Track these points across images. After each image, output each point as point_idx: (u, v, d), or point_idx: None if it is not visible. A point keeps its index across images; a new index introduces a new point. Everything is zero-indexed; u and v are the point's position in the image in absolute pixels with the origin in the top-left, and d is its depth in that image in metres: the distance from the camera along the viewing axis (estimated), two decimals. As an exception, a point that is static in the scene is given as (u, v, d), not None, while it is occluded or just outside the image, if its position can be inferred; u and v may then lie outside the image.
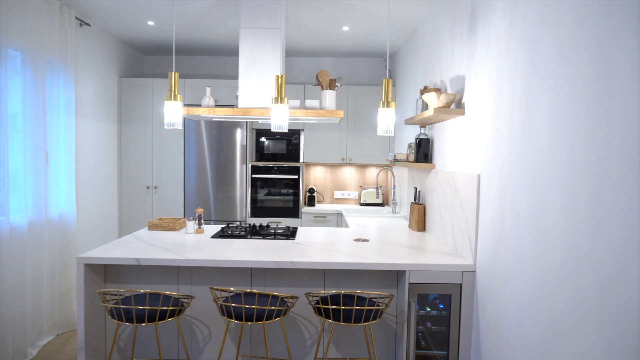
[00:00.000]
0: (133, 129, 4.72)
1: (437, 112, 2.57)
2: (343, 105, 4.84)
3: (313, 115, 2.89)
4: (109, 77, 4.48)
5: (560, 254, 1.53)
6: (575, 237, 1.44)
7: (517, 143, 1.89)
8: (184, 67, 5.25)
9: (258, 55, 2.99)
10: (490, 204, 2.16)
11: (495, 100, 2.13)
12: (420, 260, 2.42)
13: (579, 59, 1.45)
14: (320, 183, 5.24)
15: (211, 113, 2.89)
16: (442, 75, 3.04)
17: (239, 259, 2.33)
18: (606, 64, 1.31)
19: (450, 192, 2.76)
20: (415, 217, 3.36)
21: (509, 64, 1.99)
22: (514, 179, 1.90)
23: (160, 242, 2.74)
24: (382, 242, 2.87)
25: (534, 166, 1.73)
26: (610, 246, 1.27)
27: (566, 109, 1.51)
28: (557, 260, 1.55)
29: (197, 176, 4.71)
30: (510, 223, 1.94)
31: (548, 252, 1.62)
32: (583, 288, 1.40)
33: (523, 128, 1.83)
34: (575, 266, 1.44)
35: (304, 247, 2.66)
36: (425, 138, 3.20)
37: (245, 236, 2.96)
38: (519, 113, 1.87)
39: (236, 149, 4.70)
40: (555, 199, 1.57)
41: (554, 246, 1.58)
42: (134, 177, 4.74)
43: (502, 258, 2.01)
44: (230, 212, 4.73)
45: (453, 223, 2.70)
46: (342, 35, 4.28)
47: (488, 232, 2.19)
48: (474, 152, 2.40)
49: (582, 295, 1.40)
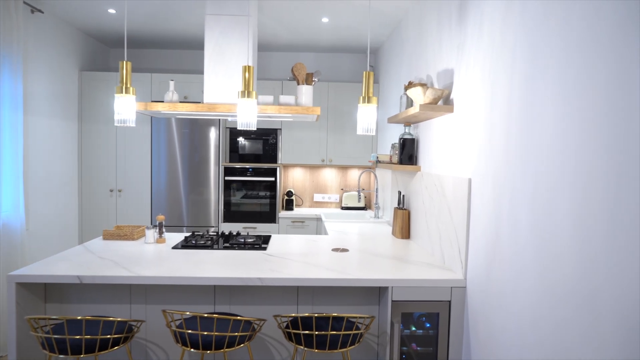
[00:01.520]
0: (95, 127, 4.35)
1: (423, 109, 2.32)
2: (323, 102, 4.56)
3: (287, 112, 2.60)
4: (67, 71, 4.10)
5: (569, 269, 1.28)
6: (588, 250, 1.19)
7: (515, 144, 1.63)
8: (152, 60, 4.90)
9: (225, 46, 2.69)
10: (483, 211, 1.91)
11: (489, 95, 1.88)
12: (405, 274, 2.15)
13: (594, 46, 1.20)
14: (299, 186, 4.96)
15: (172, 109, 2.58)
16: (428, 69, 2.79)
17: (199, 274, 2.03)
18: (630, 49, 1.05)
19: (437, 197, 2.51)
20: (399, 224, 3.11)
21: (505, 55, 1.74)
22: (512, 184, 1.65)
23: (112, 254, 2.42)
24: (363, 252, 2.60)
25: (537, 169, 1.48)
26: (635, 262, 1.02)
27: (577, 105, 1.26)
28: (565, 277, 1.30)
29: (168, 178, 4.37)
30: (507, 233, 1.69)
31: (554, 267, 1.36)
32: (600, 313, 1.14)
33: (523, 127, 1.58)
34: (589, 286, 1.19)
35: (276, 260, 2.37)
36: (409, 138, 2.94)
37: (211, 246, 2.65)
38: (518, 110, 1.62)
39: (210, 149, 4.38)
40: (563, 206, 1.32)
41: (561, 261, 1.33)
42: (96, 179, 4.37)
43: (498, 273, 1.76)
44: (203, 217, 4.41)
45: (440, 231, 2.44)
46: (321, 28, 4.00)
47: (480, 243, 1.93)
48: (464, 154, 2.15)
49: (600, 321, 1.15)
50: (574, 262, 1.27)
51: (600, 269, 1.15)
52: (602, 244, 1.15)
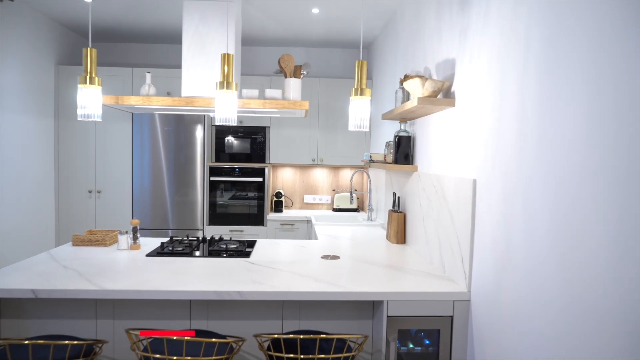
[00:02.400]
0: (72, 124, 4.10)
1: (421, 103, 2.10)
2: (314, 99, 4.34)
3: (272, 106, 2.38)
4: (42, 64, 3.85)
5: (602, 284, 1.07)
6: (629, 262, 0.99)
7: (532, 142, 1.43)
8: (135, 55, 4.65)
9: (206, 35, 2.46)
10: (490, 215, 1.70)
11: (497, 87, 1.67)
12: (401, 285, 1.94)
13: (635, 25, 0.99)
14: (289, 186, 4.73)
15: (147, 103, 2.35)
16: (426, 61, 2.58)
17: (171, 288, 1.80)
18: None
19: (436, 200, 2.30)
20: (394, 228, 2.90)
21: (518, 40, 1.53)
22: (527, 186, 1.44)
23: (79, 263, 2.18)
24: (355, 260, 2.39)
25: (560, 171, 1.27)
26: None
27: (613, 97, 1.05)
28: (597, 293, 1.09)
29: (152, 179, 4.12)
30: (521, 240, 1.48)
31: (584, 281, 1.15)
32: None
33: (541, 123, 1.37)
34: (630, 302, 0.98)
35: (259, 269, 2.15)
36: (405, 135, 2.73)
37: (189, 253, 2.42)
38: (534, 104, 1.42)
39: (197, 149, 4.14)
40: (595, 212, 1.11)
41: (592, 274, 1.12)
42: (73, 180, 4.12)
43: (509, 285, 1.55)
44: (190, 219, 4.17)
45: (440, 237, 2.24)
46: (312, 20, 3.78)
47: (487, 251, 1.73)
48: (468, 152, 1.94)
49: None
50: (610, 275, 1.06)
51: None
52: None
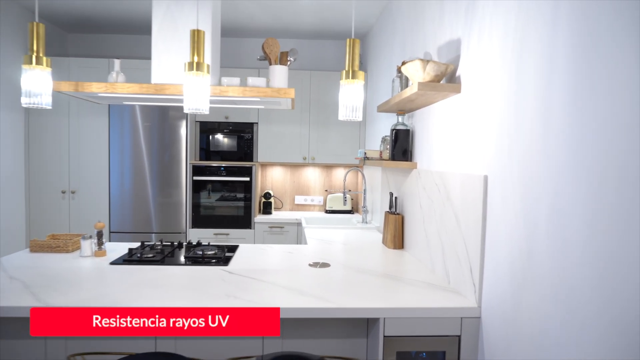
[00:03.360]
0: (45, 119, 3.80)
1: (422, 89, 1.84)
2: (304, 93, 4.07)
3: (253, 94, 2.11)
4: (13, 55, 3.56)
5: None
6: None
7: (563, 133, 1.16)
8: (113, 47, 4.35)
9: (178, 14, 2.18)
10: (506, 217, 1.44)
11: (514, 69, 1.41)
12: (400, 299, 1.67)
13: None
14: (279, 187, 4.45)
15: (110, 90, 2.07)
16: (426, 45, 2.32)
17: (130, 303, 1.52)
18: None
19: (438, 200, 2.03)
20: (391, 231, 2.63)
21: (541, 13, 1.26)
22: (556, 184, 1.18)
23: (30, 273, 1.90)
24: (348, 268, 2.12)
25: (604, 162, 1.01)
26: None
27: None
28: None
29: (134, 178, 3.83)
30: (547, 248, 1.21)
31: (628, 299, 0.89)
32: None
33: (576, 112, 1.11)
34: None
35: (237, 280, 1.87)
36: (403, 129, 2.47)
37: (160, 261, 2.14)
38: (564, 90, 1.15)
39: (182, 146, 3.85)
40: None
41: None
42: (45, 179, 3.82)
43: (532, 301, 1.29)
44: (174, 222, 3.88)
45: (444, 242, 1.97)
46: (302, 8, 3.52)
47: (502, 259, 1.46)
48: (477, 145, 1.67)
49: None
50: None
51: None
52: None
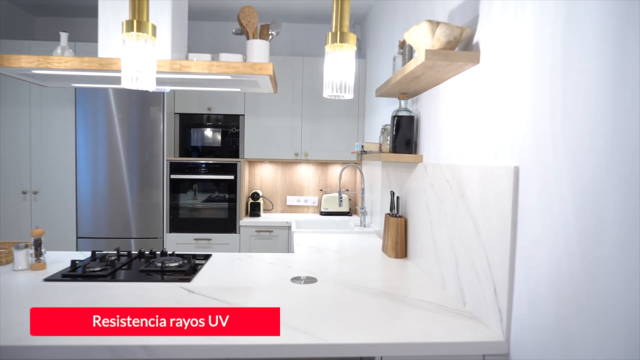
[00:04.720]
0: (4, 110, 3.40)
1: (431, 57, 1.44)
2: (297, 82, 3.67)
3: (220, 70, 1.71)
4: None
5: None
6: None
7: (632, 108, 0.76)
8: (87, 31, 3.95)
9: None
10: (548, 220, 1.04)
11: (556, 33, 1.01)
12: (402, 329, 1.28)
13: None
14: (269, 186, 4.05)
15: (44, 65, 1.68)
16: (434, 13, 1.92)
17: (48, 338, 1.13)
18: None
19: (450, 200, 1.64)
20: (392, 237, 2.23)
21: None
22: (630, 173, 0.78)
23: None
24: (338, 284, 1.72)
25: None
26: None
27: None
28: None
29: (109, 178, 3.43)
30: (615, 262, 0.81)
31: None
32: None
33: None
34: None
35: (198, 301, 1.48)
36: (407, 115, 2.07)
37: (109, 276, 1.75)
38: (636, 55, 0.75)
39: (163, 142, 3.46)
40: None
41: None
42: (4, 178, 3.43)
43: (590, 337, 0.89)
44: (154, 226, 3.48)
45: (457, 252, 1.57)
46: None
47: (542, 277, 1.07)
48: (503, 130, 1.28)
49: None
50: None
51: None
52: None
